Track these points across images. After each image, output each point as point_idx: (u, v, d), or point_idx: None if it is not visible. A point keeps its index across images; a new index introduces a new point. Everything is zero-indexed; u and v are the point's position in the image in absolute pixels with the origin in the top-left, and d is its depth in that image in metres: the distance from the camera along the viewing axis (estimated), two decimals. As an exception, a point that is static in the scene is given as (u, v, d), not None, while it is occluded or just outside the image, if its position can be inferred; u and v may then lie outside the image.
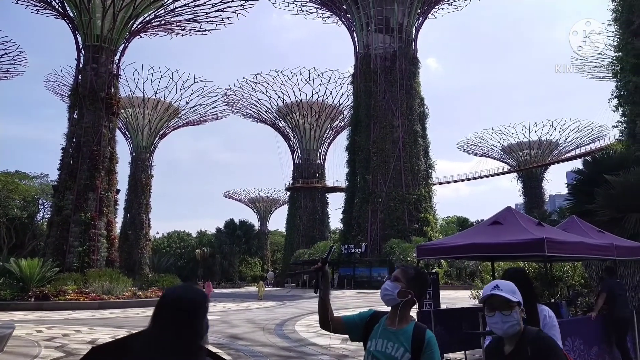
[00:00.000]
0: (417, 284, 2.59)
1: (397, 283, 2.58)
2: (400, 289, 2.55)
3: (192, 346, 1.71)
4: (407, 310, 2.57)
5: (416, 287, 2.58)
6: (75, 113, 37.73)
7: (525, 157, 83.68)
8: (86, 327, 15.10)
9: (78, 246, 34.40)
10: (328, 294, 2.70)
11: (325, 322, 2.70)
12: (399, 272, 2.65)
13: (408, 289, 2.55)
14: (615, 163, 14.69)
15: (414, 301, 2.55)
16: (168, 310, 1.75)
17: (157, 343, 1.69)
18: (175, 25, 48.17)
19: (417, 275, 2.64)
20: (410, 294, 2.54)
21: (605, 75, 62.90)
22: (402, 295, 2.54)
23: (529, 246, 7.32)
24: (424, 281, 2.67)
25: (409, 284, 2.57)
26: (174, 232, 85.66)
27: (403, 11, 56.21)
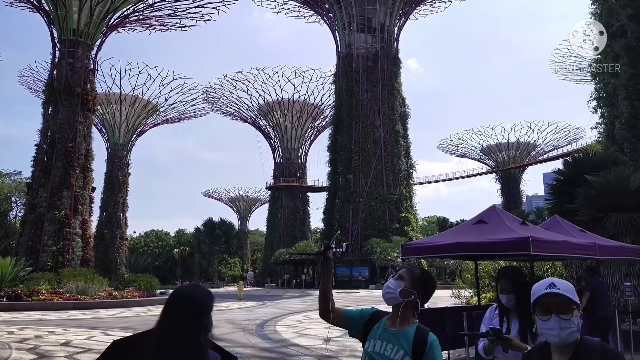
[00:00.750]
0: (422, 284, 2.45)
1: (400, 281, 2.44)
2: (403, 288, 2.41)
3: (199, 339, 1.89)
4: (410, 311, 2.40)
5: (421, 288, 2.44)
6: (50, 109, 36.80)
7: (504, 157, 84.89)
8: (60, 328, 14.63)
9: (52, 245, 33.57)
10: (329, 280, 2.60)
11: (326, 311, 2.56)
12: (404, 270, 2.50)
13: (412, 289, 2.40)
14: (595, 164, 14.88)
15: (417, 303, 2.40)
16: (178, 306, 1.93)
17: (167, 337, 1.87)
18: (154, 21, 47.40)
19: (423, 275, 2.49)
20: (414, 295, 2.39)
21: (582, 78, 64.15)
22: (404, 295, 2.39)
23: (515, 245, 7.27)
24: (429, 283, 2.50)
25: (413, 283, 2.43)
26: (152, 232, 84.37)
27: (385, 11, 56.38)
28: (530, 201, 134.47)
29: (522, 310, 3.16)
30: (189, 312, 1.91)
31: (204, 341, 1.93)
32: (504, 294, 3.25)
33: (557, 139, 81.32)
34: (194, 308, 1.93)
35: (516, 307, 3.21)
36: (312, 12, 63.91)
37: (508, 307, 3.26)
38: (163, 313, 1.94)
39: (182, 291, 2.02)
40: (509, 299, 3.23)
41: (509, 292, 3.22)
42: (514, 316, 3.25)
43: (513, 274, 3.29)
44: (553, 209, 15.74)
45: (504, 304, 3.27)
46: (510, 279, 3.24)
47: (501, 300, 3.28)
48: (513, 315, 3.25)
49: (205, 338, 1.94)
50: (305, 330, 14.61)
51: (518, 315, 3.20)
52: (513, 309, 3.24)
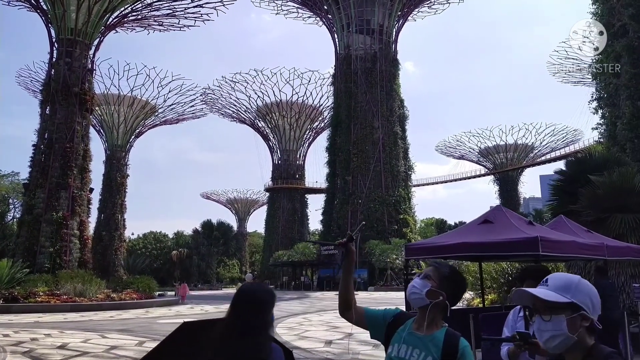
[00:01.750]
0: (451, 285, 2.21)
1: (427, 281, 2.22)
2: (430, 289, 2.19)
3: (260, 332, 2.06)
4: (438, 314, 2.19)
5: (449, 289, 2.20)
6: (47, 109, 36.52)
7: (501, 159, 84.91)
8: (57, 331, 14.41)
9: (49, 246, 33.27)
10: (351, 276, 2.39)
11: (347, 309, 2.37)
12: (430, 269, 2.28)
13: (439, 289, 2.18)
14: (598, 164, 14.73)
15: (446, 305, 2.18)
16: (244, 302, 2.12)
17: (232, 327, 2.06)
18: (152, 21, 47.21)
19: (452, 275, 2.25)
20: (442, 296, 2.17)
21: (580, 80, 64.25)
22: (431, 296, 2.18)
23: (523, 245, 7.11)
24: (459, 283, 2.27)
25: (441, 283, 2.20)
26: (150, 233, 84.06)
27: (384, 13, 56.34)
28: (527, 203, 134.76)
29: None
30: (253, 308, 2.09)
31: (265, 335, 2.09)
32: None
33: (555, 141, 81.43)
34: (258, 304, 2.11)
35: None
36: (311, 14, 63.86)
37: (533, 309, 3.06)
38: (231, 307, 2.13)
39: (247, 288, 2.21)
40: None
41: None
42: None
43: (540, 274, 3.09)
44: (555, 210, 15.59)
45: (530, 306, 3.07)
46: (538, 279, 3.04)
47: None
48: None
49: (267, 332, 2.10)
50: (306, 333, 14.42)
51: None
52: None
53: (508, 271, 16.74)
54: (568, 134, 79.21)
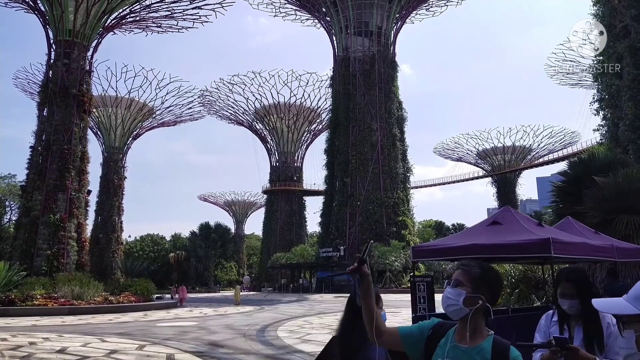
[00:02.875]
0: (486, 284, 2.01)
1: (460, 288, 2.02)
2: (467, 295, 1.99)
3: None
4: (480, 321, 1.99)
5: (486, 289, 2.00)
6: (45, 110, 36.30)
7: (499, 161, 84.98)
8: (55, 334, 14.21)
9: (47, 249, 33.02)
10: (372, 300, 2.14)
11: (379, 334, 2.14)
12: (460, 273, 2.07)
13: (476, 294, 1.98)
14: (601, 165, 14.66)
15: (487, 308, 1.99)
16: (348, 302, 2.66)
17: (346, 325, 2.46)
18: (150, 22, 47.04)
19: (485, 273, 2.04)
20: (482, 300, 1.97)
21: (578, 82, 64.37)
22: (470, 303, 1.97)
23: (535, 247, 6.99)
24: (495, 280, 2.06)
25: (475, 286, 2.00)
26: (147, 236, 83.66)
27: (382, 15, 56.31)
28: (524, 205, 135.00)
29: (587, 317, 2.84)
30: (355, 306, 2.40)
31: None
32: (565, 299, 2.89)
33: (552, 143, 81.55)
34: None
35: (580, 313, 2.87)
36: (309, 16, 63.81)
37: (569, 314, 2.92)
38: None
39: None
40: (571, 304, 2.87)
41: (572, 297, 2.87)
42: (576, 324, 2.91)
43: (577, 276, 2.94)
44: (558, 212, 15.50)
45: (565, 310, 2.92)
46: (574, 281, 2.89)
47: (562, 305, 2.93)
48: (575, 322, 2.91)
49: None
50: (308, 336, 14.26)
51: (582, 322, 2.87)
52: (575, 315, 2.90)
53: (511, 273, 16.62)
54: (566, 136, 79.36)
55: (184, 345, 12.32)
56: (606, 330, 2.79)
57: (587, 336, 2.80)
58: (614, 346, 2.72)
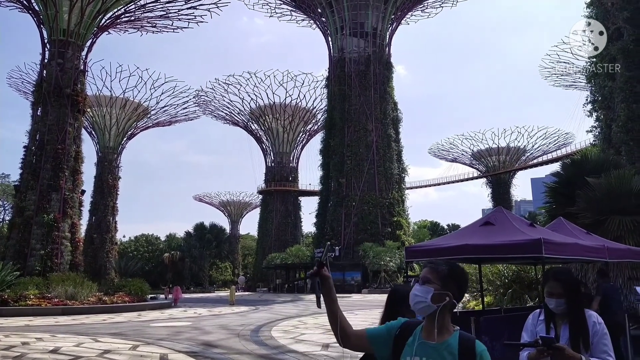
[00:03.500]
0: (453, 281, 2.06)
1: (428, 285, 2.06)
2: (435, 292, 2.03)
3: None
4: (447, 317, 2.04)
5: (454, 286, 2.05)
6: (39, 110, 36.15)
7: (494, 162, 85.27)
8: (48, 335, 14.17)
9: (40, 249, 32.87)
10: (335, 302, 2.16)
11: (344, 337, 2.15)
12: (427, 271, 2.11)
13: (444, 291, 2.03)
14: (594, 166, 14.76)
15: (453, 304, 2.03)
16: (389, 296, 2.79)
17: (386, 318, 2.58)
18: (145, 22, 46.90)
19: (452, 270, 2.09)
20: (448, 296, 2.01)
21: (572, 84, 64.71)
22: (437, 300, 2.02)
23: (526, 247, 7.03)
24: (461, 277, 2.10)
25: (443, 283, 2.04)
26: (142, 236, 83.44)
27: (377, 16, 56.41)
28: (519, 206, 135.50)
29: (573, 316, 2.87)
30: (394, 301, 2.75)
31: None
32: (552, 297, 2.93)
33: (547, 144, 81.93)
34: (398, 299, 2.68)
35: (566, 312, 2.91)
36: (305, 16, 63.83)
37: (555, 313, 2.96)
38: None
39: (396, 286, 2.90)
40: (558, 303, 2.91)
41: (559, 296, 2.90)
42: (562, 323, 2.94)
43: (563, 276, 2.97)
44: (551, 212, 15.59)
45: (552, 309, 2.95)
46: (561, 281, 2.92)
47: (548, 304, 2.96)
48: (561, 321, 2.95)
49: None
50: (302, 336, 14.27)
51: (569, 321, 2.90)
52: (562, 314, 2.94)
53: (504, 273, 16.70)
54: (560, 137, 79.75)
55: (177, 345, 12.32)
56: (592, 329, 2.83)
57: (573, 335, 2.84)
58: (599, 344, 2.77)
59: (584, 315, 2.87)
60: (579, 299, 2.95)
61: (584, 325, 2.83)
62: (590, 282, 10.79)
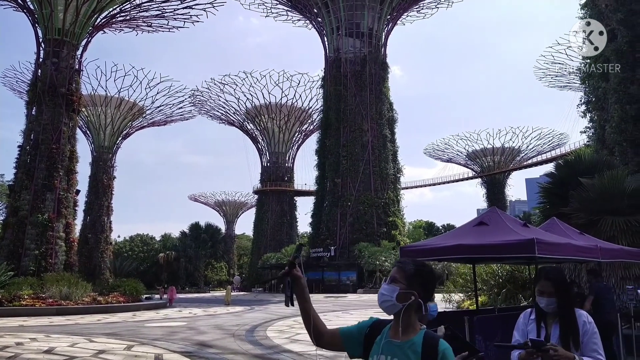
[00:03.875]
0: (420, 280, 2.07)
1: (394, 284, 2.08)
2: (400, 291, 2.05)
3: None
4: (413, 316, 2.06)
5: (420, 285, 2.06)
6: (33, 109, 36.03)
7: (489, 163, 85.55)
8: (42, 335, 14.12)
9: (34, 249, 32.75)
10: (307, 302, 2.18)
11: (318, 338, 2.18)
12: (395, 270, 2.14)
13: (409, 290, 2.05)
14: (588, 167, 14.84)
15: (419, 304, 2.04)
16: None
17: None
18: (141, 21, 46.80)
19: (419, 269, 2.11)
20: (414, 296, 2.03)
21: (566, 85, 65.04)
22: (402, 299, 2.04)
23: (519, 247, 7.08)
24: (428, 276, 2.11)
25: (409, 282, 2.06)
26: (137, 236, 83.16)
27: (373, 16, 56.48)
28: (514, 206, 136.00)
29: (564, 315, 2.91)
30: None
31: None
32: (543, 296, 2.95)
33: (541, 144, 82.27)
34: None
35: (557, 311, 2.94)
36: (300, 17, 63.84)
37: (546, 312, 2.98)
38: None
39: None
40: (549, 302, 2.93)
41: (549, 295, 2.93)
42: (553, 321, 2.97)
43: (555, 275, 3.00)
44: (545, 212, 15.67)
45: (543, 308, 2.98)
46: (552, 280, 2.95)
47: (539, 303, 2.99)
48: (552, 320, 2.97)
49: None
50: (297, 336, 14.29)
51: (559, 320, 2.94)
52: (552, 313, 2.97)
53: (498, 273, 16.79)
54: (554, 138, 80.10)
55: (172, 345, 12.31)
56: (582, 328, 2.86)
57: (563, 334, 2.87)
58: (589, 343, 2.81)
59: (574, 315, 2.90)
60: (569, 298, 2.98)
61: (574, 324, 2.87)
62: (583, 282, 10.86)
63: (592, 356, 2.76)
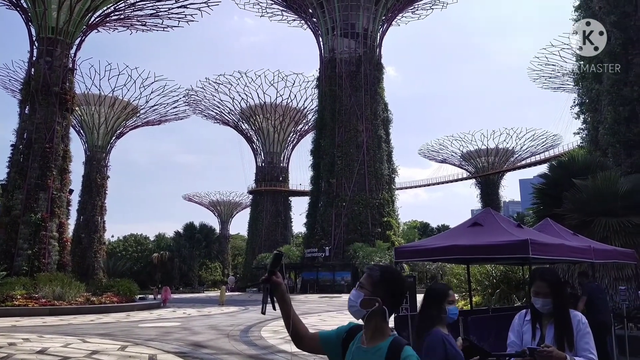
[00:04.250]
0: (384, 287, 2.03)
1: (360, 290, 2.07)
2: (363, 298, 2.03)
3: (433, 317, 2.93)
4: (379, 322, 2.03)
5: (385, 291, 2.02)
6: (26, 108, 35.85)
7: (483, 163, 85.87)
8: (35, 335, 14.04)
9: (27, 249, 32.56)
10: (288, 307, 2.17)
11: (297, 340, 2.19)
12: (364, 276, 2.12)
13: (373, 296, 2.02)
14: (581, 168, 14.95)
15: (383, 310, 2.00)
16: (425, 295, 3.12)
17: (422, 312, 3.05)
18: (135, 20, 46.61)
19: (384, 275, 2.06)
20: (377, 302, 1.99)
21: (560, 87, 65.39)
22: (366, 305, 2.02)
23: (513, 247, 7.13)
24: (394, 282, 2.06)
25: (374, 289, 2.04)
26: (131, 236, 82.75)
27: (368, 17, 56.53)
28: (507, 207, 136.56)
29: (559, 316, 2.92)
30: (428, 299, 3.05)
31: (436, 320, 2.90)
32: (538, 297, 2.97)
33: (535, 145, 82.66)
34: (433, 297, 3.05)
35: (552, 312, 2.96)
36: (295, 17, 63.79)
37: (542, 313, 3.00)
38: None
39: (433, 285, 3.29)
40: (544, 302, 2.95)
41: (545, 296, 2.94)
42: (548, 322, 2.99)
43: (550, 276, 3.02)
44: (539, 213, 15.77)
45: (538, 309, 3.00)
46: (547, 281, 2.97)
47: (535, 304, 3.00)
48: (547, 320, 2.99)
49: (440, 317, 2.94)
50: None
51: (554, 321, 2.95)
52: (547, 314, 2.98)
53: (492, 274, 16.86)
54: (548, 139, 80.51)
55: (166, 345, 12.27)
56: (576, 327, 2.88)
57: (558, 334, 2.89)
58: (581, 342, 2.83)
59: (569, 315, 2.92)
60: (564, 299, 3.00)
61: (569, 325, 2.89)
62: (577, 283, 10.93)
63: (584, 356, 2.78)
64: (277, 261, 2.17)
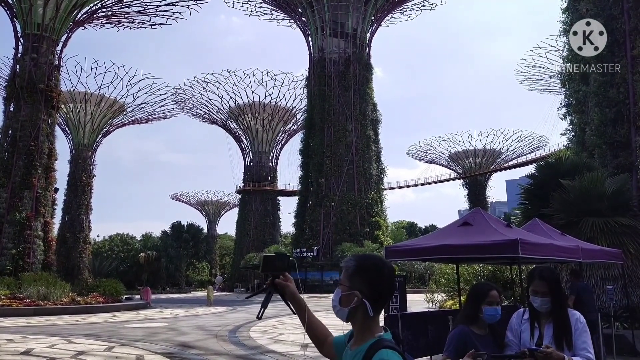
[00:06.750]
0: (362, 277, 1.77)
1: (339, 287, 1.84)
2: (341, 294, 1.80)
3: None
4: (362, 320, 1.78)
5: (363, 283, 1.76)
6: (11, 105, 35.34)
7: (470, 164, 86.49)
8: (20, 336, 13.82)
9: (12, 248, 32.10)
10: (301, 312, 2.00)
11: (320, 347, 2.02)
12: (342, 273, 1.89)
13: (350, 291, 1.77)
14: (568, 168, 15.07)
15: (364, 304, 1.75)
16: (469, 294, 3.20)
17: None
18: (122, 17, 46.15)
19: (359, 266, 1.80)
20: (356, 296, 1.75)
21: (546, 88, 66.10)
22: (345, 302, 1.78)
23: (503, 247, 7.15)
24: (372, 270, 1.78)
25: (351, 281, 1.78)
26: (117, 235, 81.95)
27: (358, 17, 56.61)
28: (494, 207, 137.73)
29: (557, 315, 2.91)
30: None
31: None
32: (537, 296, 2.95)
33: (522, 146, 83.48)
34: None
35: (551, 310, 2.94)
36: (285, 16, 63.67)
37: (540, 312, 2.98)
38: None
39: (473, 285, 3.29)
40: (543, 302, 2.93)
41: (544, 295, 2.92)
42: (546, 321, 2.97)
43: (549, 275, 3.00)
44: (526, 213, 15.88)
45: (537, 308, 2.98)
46: (547, 280, 2.95)
47: (533, 303, 2.98)
48: (545, 319, 2.98)
49: None
50: (280, 336, 14.24)
51: (553, 320, 2.94)
52: (546, 313, 2.96)
53: (481, 273, 16.97)
54: (534, 140, 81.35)
55: (153, 346, 12.15)
56: (574, 326, 2.87)
57: (556, 333, 2.88)
58: (579, 341, 2.82)
59: (567, 314, 2.91)
60: (563, 298, 3.00)
61: (567, 324, 2.88)
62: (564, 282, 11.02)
63: (581, 354, 2.78)
64: (282, 263, 2.05)
